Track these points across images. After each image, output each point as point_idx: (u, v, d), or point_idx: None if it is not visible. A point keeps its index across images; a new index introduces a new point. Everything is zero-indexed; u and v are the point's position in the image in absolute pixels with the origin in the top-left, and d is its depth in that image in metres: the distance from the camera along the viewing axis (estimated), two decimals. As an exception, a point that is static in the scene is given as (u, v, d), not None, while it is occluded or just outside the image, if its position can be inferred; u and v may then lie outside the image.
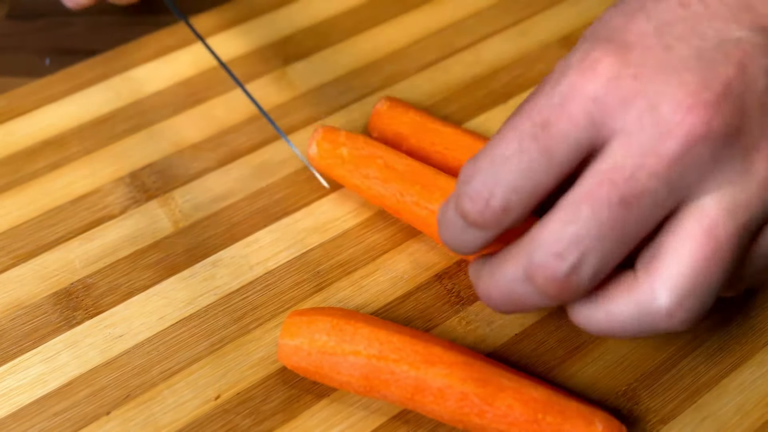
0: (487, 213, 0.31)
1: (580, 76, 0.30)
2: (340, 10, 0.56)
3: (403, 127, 0.46)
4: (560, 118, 0.30)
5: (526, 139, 0.30)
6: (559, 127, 0.30)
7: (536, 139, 0.30)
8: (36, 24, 0.56)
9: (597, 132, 0.30)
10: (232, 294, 0.42)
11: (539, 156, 0.30)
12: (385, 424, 0.38)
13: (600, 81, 0.30)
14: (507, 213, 0.31)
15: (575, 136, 0.30)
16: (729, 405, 0.39)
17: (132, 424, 0.38)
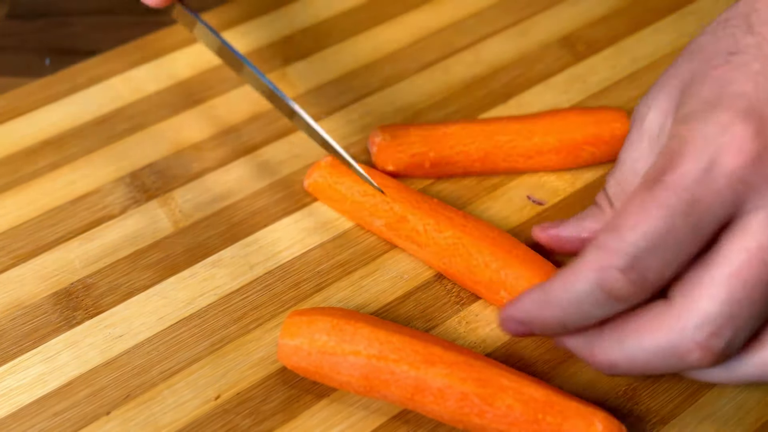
0: (641, 286, 0.32)
1: (726, 153, 0.31)
2: (340, 10, 0.56)
3: (416, 147, 0.46)
4: (708, 195, 0.31)
5: (677, 216, 0.31)
6: (708, 203, 0.31)
7: (687, 216, 0.31)
8: (36, 24, 0.56)
9: (740, 207, 0.32)
10: (232, 294, 0.42)
11: (690, 232, 0.32)
12: (385, 424, 0.38)
13: (745, 159, 0.31)
14: (657, 284, 0.32)
15: (721, 213, 0.32)
16: (729, 405, 0.39)
17: (132, 424, 0.38)
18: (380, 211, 0.43)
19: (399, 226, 0.43)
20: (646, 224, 0.32)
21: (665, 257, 0.32)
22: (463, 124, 0.47)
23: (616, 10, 0.56)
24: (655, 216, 0.32)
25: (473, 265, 0.41)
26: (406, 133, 0.46)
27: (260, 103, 0.50)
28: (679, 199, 0.32)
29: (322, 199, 0.45)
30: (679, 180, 0.32)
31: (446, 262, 0.42)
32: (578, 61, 0.53)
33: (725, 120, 0.32)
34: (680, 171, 0.32)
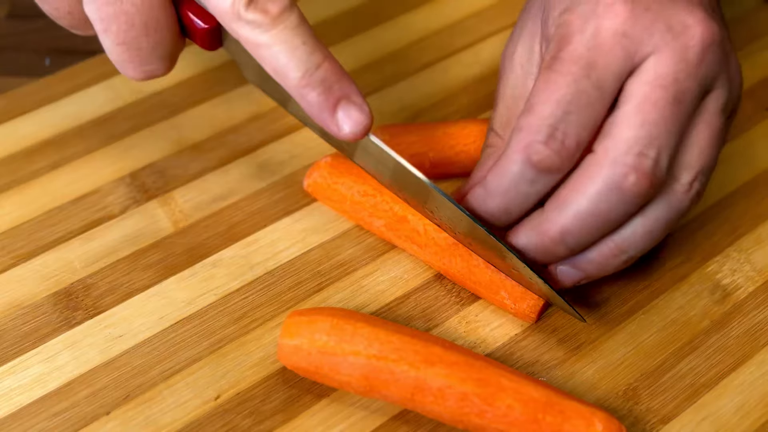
0: (564, 153, 0.35)
1: (605, 19, 0.36)
2: (340, 10, 0.56)
3: (416, 147, 0.46)
4: (600, 56, 0.36)
5: (580, 81, 0.35)
6: (603, 63, 0.35)
7: (589, 78, 0.35)
8: (36, 24, 0.56)
9: (632, 59, 0.36)
10: (232, 294, 0.42)
11: (594, 91, 0.35)
12: (385, 424, 0.38)
13: (622, 18, 0.36)
14: (579, 148, 0.36)
15: (617, 68, 0.36)
16: (729, 405, 0.39)
17: (132, 424, 0.38)
18: (380, 212, 0.43)
19: (399, 227, 0.43)
20: (555, 95, 0.35)
21: (579, 120, 0.35)
22: (463, 123, 0.47)
23: (616, 10, 0.56)
24: (561, 85, 0.35)
25: (473, 265, 0.41)
26: (406, 133, 0.46)
27: (260, 104, 0.50)
28: (577, 65, 0.35)
29: (322, 199, 0.45)
30: (573, 51, 0.36)
31: (446, 262, 0.42)
32: (578, 61, 0.53)
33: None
34: (572, 44, 0.36)
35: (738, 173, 0.48)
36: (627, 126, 0.35)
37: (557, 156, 0.35)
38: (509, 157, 0.36)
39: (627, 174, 0.35)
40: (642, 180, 0.35)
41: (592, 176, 0.35)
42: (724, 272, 0.43)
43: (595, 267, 0.38)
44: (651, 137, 0.35)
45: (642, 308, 0.42)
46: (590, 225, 0.36)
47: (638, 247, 0.37)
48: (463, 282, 0.42)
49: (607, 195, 0.35)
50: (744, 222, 0.45)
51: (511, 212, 0.38)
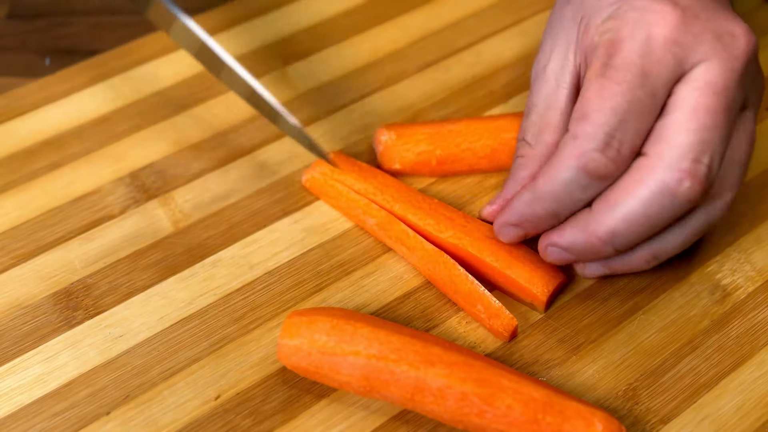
0: (620, 160, 0.36)
1: (655, 26, 0.37)
2: (340, 10, 0.56)
3: (422, 145, 0.46)
4: (653, 64, 0.36)
5: (635, 89, 0.36)
6: (656, 71, 0.36)
7: (643, 87, 0.36)
8: (36, 24, 0.56)
9: (682, 67, 0.36)
10: (232, 294, 0.42)
11: (648, 99, 0.36)
12: (385, 424, 0.38)
13: (673, 26, 0.36)
14: (633, 154, 0.36)
15: (668, 76, 0.36)
16: (729, 405, 0.39)
17: (132, 424, 0.38)
18: (373, 210, 0.43)
19: (390, 227, 0.43)
20: (610, 103, 0.36)
21: (634, 128, 0.36)
22: (468, 121, 0.47)
23: (616, 10, 0.56)
24: (616, 93, 0.36)
25: (454, 275, 0.41)
26: (412, 132, 0.46)
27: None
28: (631, 73, 0.36)
29: (320, 195, 0.45)
30: (625, 58, 0.36)
31: (431, 268, 0.42)
32: (578, 61, 0.53)
33: (643, 3, 0.37)
34: (624, 52, 0.37)
35: (738, 173, 0.48)
36: (682, 131, 0.35)
37: (613, 164, 0.36)
38: (562, 163, 0.37)
39: (682, 179, 0.35)
40: (696, 186, 0.35)
41: (645, 180, 0.36)
42: (724, 272, 0.43)
43: (625, 267, 0.40)
44: (705, 143, 0.35)
45: (642, 308, 0.42)
46: (639, 227, 0.37)
47: (669, 254, 0.39)
48: (445, 290, 0.42)
49: (660, 199, 0.36)
50: (744, 222, 0.45)
51: (559, 216, 0.39)
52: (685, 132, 0.35)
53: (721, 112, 0.36)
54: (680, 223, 0.38)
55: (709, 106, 0.36)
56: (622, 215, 0.36)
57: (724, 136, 0.36)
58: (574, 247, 0.38)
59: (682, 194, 0.35)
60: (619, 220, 0.36)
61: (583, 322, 0.41)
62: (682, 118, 0.36)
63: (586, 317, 0.42)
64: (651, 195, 0.36)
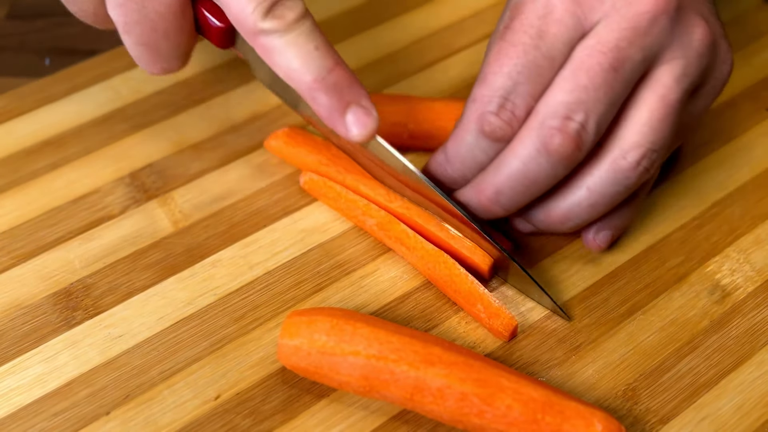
0: (514, 122, 0.37)
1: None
2: (340, 10, 0.56)
3: (397, 117, 0.47)
4: (550, 24, 0.36)
5: (530, 51, 0.36)
6: (552, 32, 0.36)
7: (538, 48, 0.36)
8: (36, 24, 0.56)
9: (582, 26, 0.37)
10: (231, 294, 0.42)
11: (545, 61, 0.36)
12: (385, 424, 0.38)
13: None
14: (526, 115, 0.37)
15: (567, 36, 0.36)
16: (728, 405, 0.39)
17: (132, 424, 0.38)
18: (372, 211, 0.43)
19: (389, 227, 0.43)
20: (506, 66, 0.37)
21: (529, 90, 0.37)
22: (448, 101, 0.47)
23: (616, 10, 0.56)
24: (512, 55, 0.37)
25: (455, 274, 0.41)
26: (391, 103, 0.47)
27: (260, 104, 0.50)
28: (528, 35, 0.37)
29: (319, 197, 0.45)
30: (524, 20, 0.37)
31: (431, 267, 0.42)
32: (578, 61, 0.53)
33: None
34: (523, 14, 0.37)
35: (738, 173, 0.48)
36: (558, 90, 0.36)
37: (508, 126, 0.37)
38: (464, 126, 0.39)
39: (552, 136, 0.36)
40: (567, 142, 0.36)
41: (523, 139, 0.37)
42: (723, 272, 0.43)
43: (545, 227, 0.41)
44: (579, 102, 0.36)
45: (642, 308, 0.42)
46: (521, 185, 0.38)
47: (582, 218, 0.39)
48: (445, 290, 0.42)
49: (536, 157, 0.37)
50: (743, 222, 0.45)
51: (467, 178, 0.40)
52: (561, 91, 0.36)
53: (604, 72, 0.36)
54: (585, 186, 0.38)
55: (591, 65, 0.36)
56: (504, 175, 0.38)
57: (605, 96, 0.36)
58: (469, 206, 0.40)
59: (555, 150, 0.36)
60: (502, 179, 0.38)
61: (583, 322, 0.41)
62: (563, 77, 0.36)
63: (586, 317, 0.42)
64: (528, 154, 0.37)
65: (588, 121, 0.36)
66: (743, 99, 0.51)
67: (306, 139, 0.46)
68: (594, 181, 0.38)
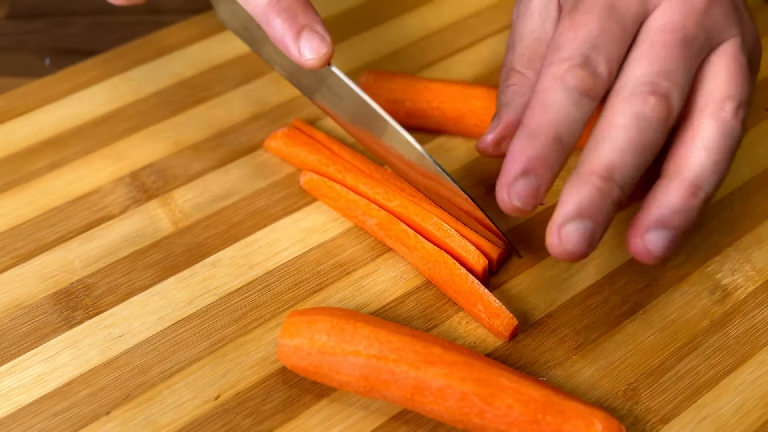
0: (597, 79, 0.37)
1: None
2: (340, 10, 0.56)
3: (395, 94, 0.48)
4: (620, 2, 0.38)
5: (605, 18, 0.38)
6: (623, 5, 0.38)
7: (612, 17, 0.38)
8: (36, 24, 0.56)
9: (645, 5, 0.38)
10: (232, 294, 0.42)
11: (617, 28, 0.38)
12: (385, 424, 0.38)
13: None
14: (610, 76, 0.37)
15: (636, 9, 0.38)
16: (729, 405, 0.39)
17: (132, 424, 0.38)
18: (373, 211, 0.43)
19: (390, 227, 0.43)
20: (581, 32, 0.37)
21: (608, 53, 0.37)
22: (447, 83, 0.48)
23: (616, 10, 0.56)
24: (587, 22, 0.38)
25: (455, 274, 0.41)
26: (390, 80, 0.48)
27: (260, 104, 0.50)
28: (600, 6, 0.38)
29: (319, 197, 0.45)
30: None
31: (431, 267, 0.42)
32: (578, 61, 0.53)
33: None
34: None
35: (738, 173, 0.48)
36: (640, 63, 0.37)
37: (593, 79, 0.37)
38: (547, 89, 0.37)
39: (646, 99, 0.36)
40: (661, 102, 0.36)
41: (616, 110, 0.36)
42: (723, 272, 0.43)
43: (679, 215, 0.36)
44: (662, 71, 0.37)
45: (642, 308, 0.42)
46: (631, 154, 0.35)
47: (711, 181, 0.37)
48: (445, 289, 0.42)
49: (635, 122, 0.36)
50: (744, 222, 0.45)
51: (563, 140, 0.36)
52: (643, 64, 0.37)
53: (678, 47, 0.37)
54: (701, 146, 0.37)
55: (665, 41, 0.37)
56: (609, 148, 0.35)
57: (683, 66, 0.37)
58: (582, 206, 0.34)
59: (651, 112, 0.36)
60: (609, 153, 0.35)
61: (583, 322, 0.41)
62: (641, 52, 0.37)
63: (586, 317, 0.42)
64: (626, 121, 0.36)
65: (672, 86, 0.37)
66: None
67: (305, 138, 0.46)
68: (707, 138, 0.37)
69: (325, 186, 0.45)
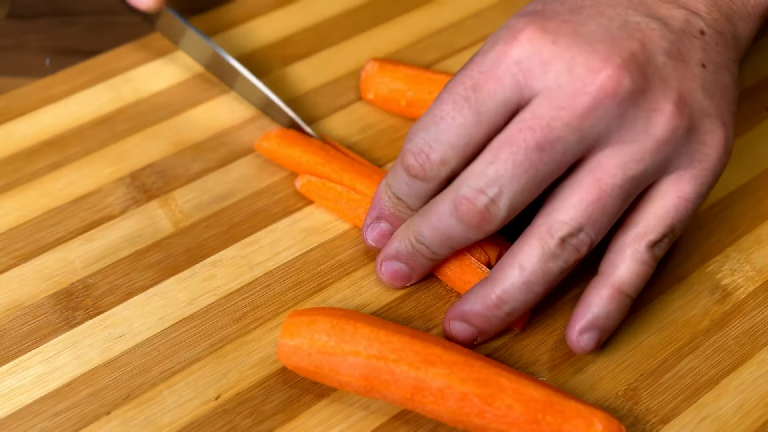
0: (428, 166, 0.37)
1: (506, 45, 0.36)
2: (340, 10, 0.56)
3: (398, 83, 0.48)
4: (488, 80, 0.35)
5: (459, 101, 0.36)
6: (488, 88, 0.35)
7: (468, 100, 0.36)
8: (36, 24, 0.56)
9: (521, 92, 0.35)
10: (232, 294, 0.42)
11: (471, 114, 0.36)
12: (385, 424, 0.38)
13: (523, 47, 0.35)
14: (444, 165, 0.37)
15: (502, 96, 0.35)
16: (729, 405, 0.39)
17: (132, 424, 0.38)
18: None
19: None
20: (434, 111, 0.37)
21: (449, 140, 0.36)
22: (450, 75, 0.48)
23: (616, 10, 0.56)
24: (444, 100, 0.36)
25: (465, 265, 0.41)
26: (394, 69, 0.49)
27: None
28: (462, 86, 0.36)
29: (317, 199, 0.45)
30: (465, 71, 0.36)
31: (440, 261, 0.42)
32: (578, 61, 0.53)
33: (512, 22, 0.37)
34: (469, 65, 0.37)
35: (738, 173, 0.48)
36: (481, 160, 0.36)
37: (420, 167, 0.37)
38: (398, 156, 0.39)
39: (461, 204, 0.36)
40: (474, 213, 0.36)
41: (444, 196, 0.37)
42: (723, 272, 0.43)
43: (481, 320, 0.38)
44: (497, 176, 0.35)
45: (642, 308, 0.42)
46: (439, 236, 0.38)
47: (518, 299, 0.37)
48: (453, 282, 0.42)
49: (449, 216, 0.37)
50: (744, 222, 0.45)
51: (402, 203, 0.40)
52: (482, 161, 0.36)
53: (529, 150, 0.35)
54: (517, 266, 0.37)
55: (517, 141, 0.35)
56: (427, 221, 0.38)
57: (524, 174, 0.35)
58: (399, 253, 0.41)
59: (462, 217, 0.37)
60: (425, 225, 0.39)
61: (583, 322, 0.41)
62: (490, 146, 0.36)
63: (586, 317, 0.42)
64: (443, 210, 0.37)
65: (501, 197, 0.35)
66: (743, 99, 0.51)
67: (299, 139, 0.46)
68: (525, 258, 0.37)
69: (324, 187, 0.44)
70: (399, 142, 0.48)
